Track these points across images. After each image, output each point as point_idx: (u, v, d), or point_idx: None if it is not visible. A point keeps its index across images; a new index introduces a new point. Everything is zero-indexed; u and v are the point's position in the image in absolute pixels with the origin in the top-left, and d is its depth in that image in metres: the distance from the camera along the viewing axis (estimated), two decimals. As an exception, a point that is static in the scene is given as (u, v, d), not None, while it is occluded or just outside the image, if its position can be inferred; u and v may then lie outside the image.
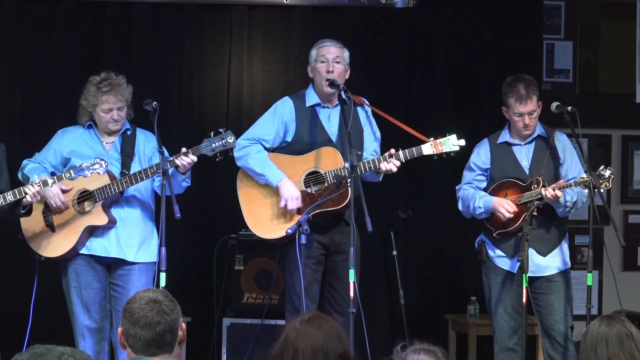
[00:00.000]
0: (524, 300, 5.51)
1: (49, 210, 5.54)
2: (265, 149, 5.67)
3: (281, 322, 5.93)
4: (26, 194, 5.29)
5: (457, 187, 5.97)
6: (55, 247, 5.54)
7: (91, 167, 5.26)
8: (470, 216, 5.90)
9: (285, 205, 5.54)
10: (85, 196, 5.51)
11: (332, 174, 5.56)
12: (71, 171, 5.30)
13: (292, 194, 5.54)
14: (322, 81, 5.62)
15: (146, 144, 5.67)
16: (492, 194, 5.81)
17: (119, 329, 3.17)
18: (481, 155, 5.90)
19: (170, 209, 5.11)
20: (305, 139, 5.66)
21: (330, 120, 5.70)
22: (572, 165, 5.81)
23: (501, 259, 5.81)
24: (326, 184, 5.57)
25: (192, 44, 7.12)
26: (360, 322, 5.12)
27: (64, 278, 5.62)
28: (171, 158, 5.39)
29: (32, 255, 5.61)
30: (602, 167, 5.58)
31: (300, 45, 6.90)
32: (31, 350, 2.50)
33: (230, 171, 5.84)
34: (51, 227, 5.55)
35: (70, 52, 6.96)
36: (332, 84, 5.58)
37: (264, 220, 5.65)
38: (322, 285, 5.68)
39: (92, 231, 5.54)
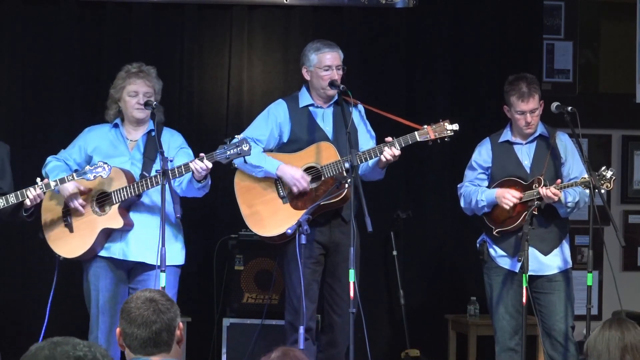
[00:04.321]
0: (524, 300, 5.51)
1: (68, 211, 5.52)
2: (258, 150, 5.69)
3: (281, 322, 5.93)
4: (27, 197, 5.28)
5: (458, 186, 5.97)
6: (72, 248, 5.51)
7: (93, 170, 5.24)
8: (472, 213, 5.89)
9: (296, 191, 5.54)
10: (104, 198, 5.48)
11: (328, 168, 5.57)
12: (73, 174, 5.30)
13: (293, 176, 5.55)
14: (324, 85, 5.64)
15: (170, 144, 5.61)
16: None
17: (117, 329, 3.17)
18: (482, 154, 5.90)
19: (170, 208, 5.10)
20: (301, 138, 5.67)
21: (325, 120, 5.72)
22: (574, 165, 5.81)
23: (503, 259, 5.80)
24: (323, 178, 5.58)
25: (192, 44, 7.11)
26: (360, 322, 5.11)
27: (84, 279, 5.58)
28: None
29: (51, 255, 5.56)
30: (603, 168, 5.58)
31: (300, 45, 6.86)
32: (49, 340, 2.52)
33: (230, 171, 5.83)
34: (70, 228, 5.52)
35: (70, 52, 6.96)
36: (332, 84, 5.61)
37: (262, 218, 5.65)
38: (321, 285, 5.68)
39: (109, 233, 5.48)
